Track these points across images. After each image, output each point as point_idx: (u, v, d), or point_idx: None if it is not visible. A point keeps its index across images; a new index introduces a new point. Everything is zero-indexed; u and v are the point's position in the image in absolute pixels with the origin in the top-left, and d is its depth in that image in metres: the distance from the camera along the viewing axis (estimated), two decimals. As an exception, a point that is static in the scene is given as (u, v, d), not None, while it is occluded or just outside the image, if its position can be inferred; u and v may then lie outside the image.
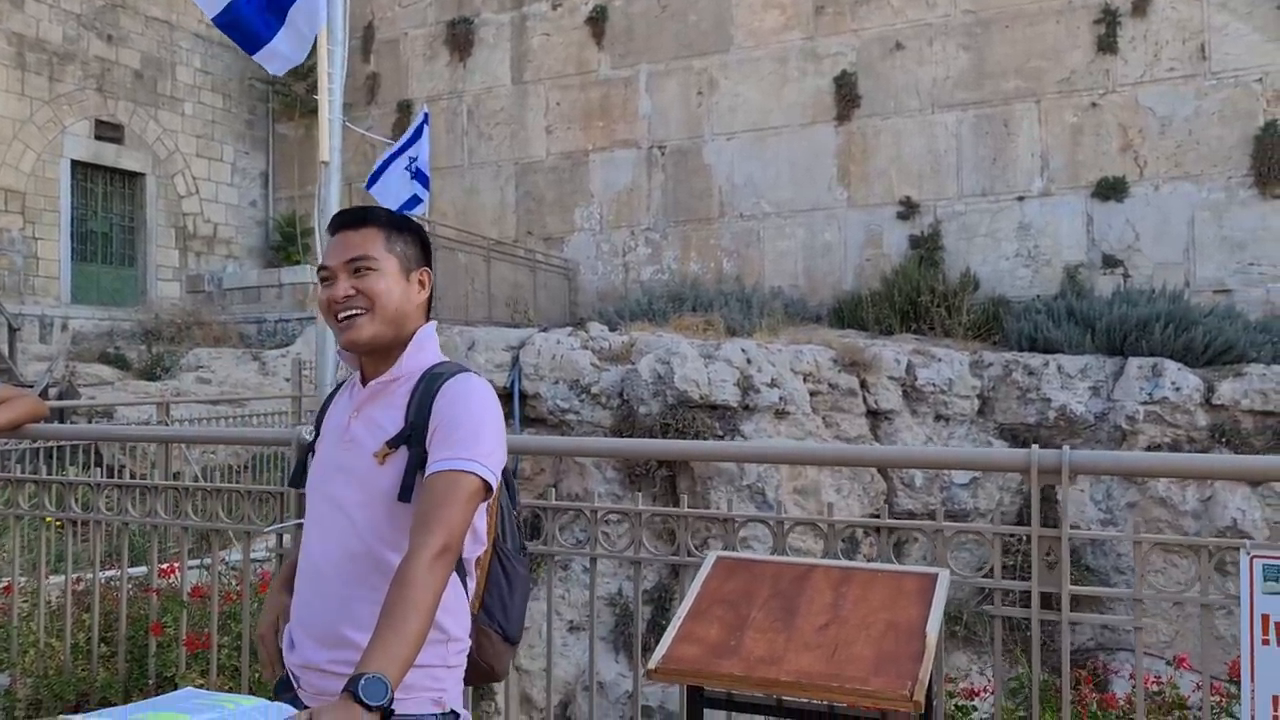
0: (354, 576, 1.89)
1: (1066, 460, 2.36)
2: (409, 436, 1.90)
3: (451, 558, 1.79)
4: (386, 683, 1.59)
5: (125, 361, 12.70)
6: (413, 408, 1.92)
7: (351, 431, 1.96)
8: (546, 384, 9.13)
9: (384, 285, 1.94)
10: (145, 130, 15.68)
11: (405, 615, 1.69)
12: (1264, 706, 2.09)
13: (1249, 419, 8.65)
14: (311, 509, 2.01)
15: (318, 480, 2.01)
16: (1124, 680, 4.75)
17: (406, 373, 1.97)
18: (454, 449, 1.84)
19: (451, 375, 1.96)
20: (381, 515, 1.89)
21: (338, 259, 1.96)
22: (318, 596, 1.92)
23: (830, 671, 2.02)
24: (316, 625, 1.91)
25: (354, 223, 1.99)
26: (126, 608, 3.59)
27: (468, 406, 1.90)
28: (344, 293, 1.93)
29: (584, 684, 8.20)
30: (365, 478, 1.91)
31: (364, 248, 1.95)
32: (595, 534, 2.86)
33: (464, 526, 1.82)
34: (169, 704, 1.63)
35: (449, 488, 1.81)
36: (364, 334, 1.93)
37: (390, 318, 1.95)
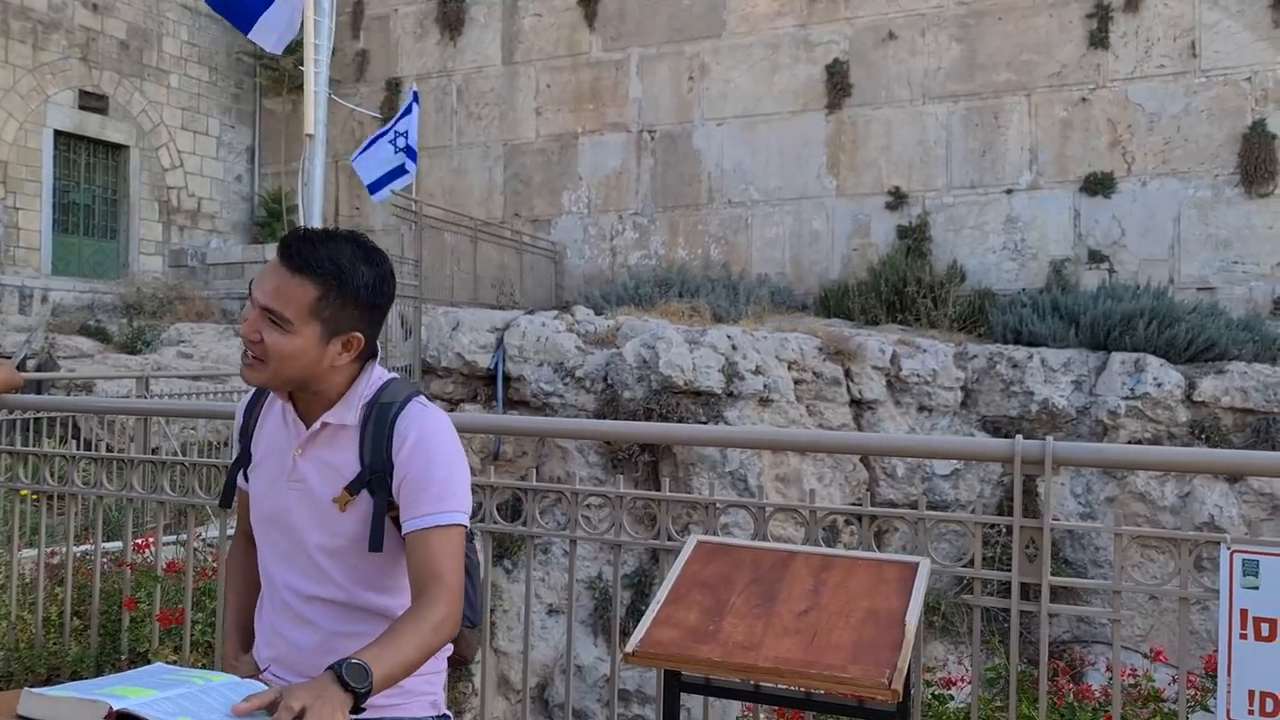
0: (341, 616, 1.88)
1: (1050, 451, 2.35)
2: (369, 480, 1.84)
3: (460, 614, 1.82)
4: (369, 671, 1.59)
5: (105, 334, 12.60)
6: (366, 448, 1.85)
7: (299, 471, 1.88)
8: (531, 366, 9.10)
9: (288, 349, 1.79)
10: (130, 102, 15.51)
11: (412, 642, 1.70)
12: (1240, 700, 2.09)
13: (1229, 416, 8.70)
14: (272, 543, 1.93)
15: (272, 513, 1.92)
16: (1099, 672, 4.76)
17: (349, 414, 1.88)
18: (435, 501, 1.82)
19: (402, 406, 1.87)
20: (355, 562, 1.87)
21: (259, 295, 1.80)
22: (299, 634, 1.89)
23: (809, 658, 2.01)
24: (299, 661, 1.89)
25: (295, 263, 1.79)
26: (100, 582, 3.56)
27: (438, 451, 1.85)
28: (249, 334, 1.81)
29: (562, 667, 8.20)
30: (327, 523, 1.86)
31: (285, 304, 1.77)
32: (576, 516, 2.84)
33: (464, 574, 1.85)
34: (138, 678, 1.61)
35: (446, 543, 1.81)
36: (256, 379, 1.84)
37: (288, 378, 1.83)
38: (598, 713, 7.99)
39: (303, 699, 1.51)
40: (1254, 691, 2.08)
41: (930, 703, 2.84)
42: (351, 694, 1.56)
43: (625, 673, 7.68)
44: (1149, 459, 3.49)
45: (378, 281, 1.86)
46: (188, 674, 1.65)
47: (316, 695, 1.52)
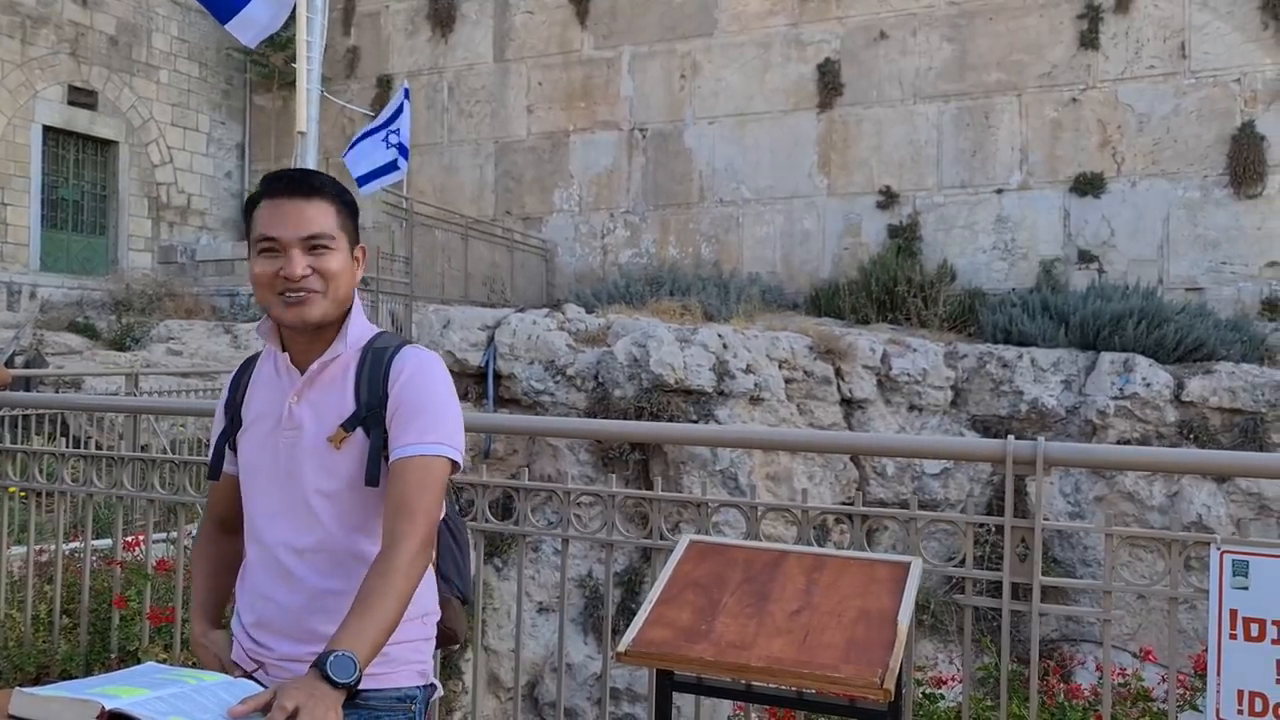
0: (329, 569, 1.85)
1: (1041, 451, 2.36)
2: (365, 418, 1.85)
3: (431, 546, 1.81)
4: (355, 661, 1.58)
5: (94, 331, 12.54)
6: (362, 386, 1.86)
7: (296, 417, 1.88)
8: (521, 364, 9.10)
9: (339, 265, 1.86)
10: (119, 97, 15.44)
11: (384, 601, 1.68)
12: (1229, 700, 2.10)
13: (1217, 416, 8.74)
14: (260, 500, 1.92)
15: (261, 469, 1.91)
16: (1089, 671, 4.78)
17: (347, 349, 1.89)
18: (422, 432, 1.82)
19: (397, 350, 1.90)
20: (350, 503, 1.86)
21: (292, 232, 1.83)
22: (285, 593, 1.86)
23: (801, 658, 2.02)
24: (284, 622, 1.87)
25: (305, 191, 1.86)
26: (90, 580, 3.54)
27: (429, 385, 1.87)
28: (302, 271, 1.82)
29: (552, 665, 8.21)
30: (323, 464, 1.85)
31: (321, 224, 1.84)
32: (568, 515, 2.84)
33: (439, 511, 1.83)
34: (129, 678, 1.60)
35: (424, 474, 1.80)
36: (316, 314, 1.84)
37: (341, 299, 1.88)
38: (588, 711, 7.99)
39: (296, 698, 1.50)
40: (1243, 691, 2.09)
41: (921, 702, 2.85)
42: (342, 689, 1.56)
43: (616, 671, 7.68)
44: (1140, 460, 3.51)
45: (353, 198, 1.99)
46: (180, 673, 1.64)
47: (309, 694, 1.52)
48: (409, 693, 1.90)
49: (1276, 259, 11.22)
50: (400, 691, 1.88)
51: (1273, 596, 2.09)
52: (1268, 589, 2.09)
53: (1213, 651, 2.12)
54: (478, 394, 9.31)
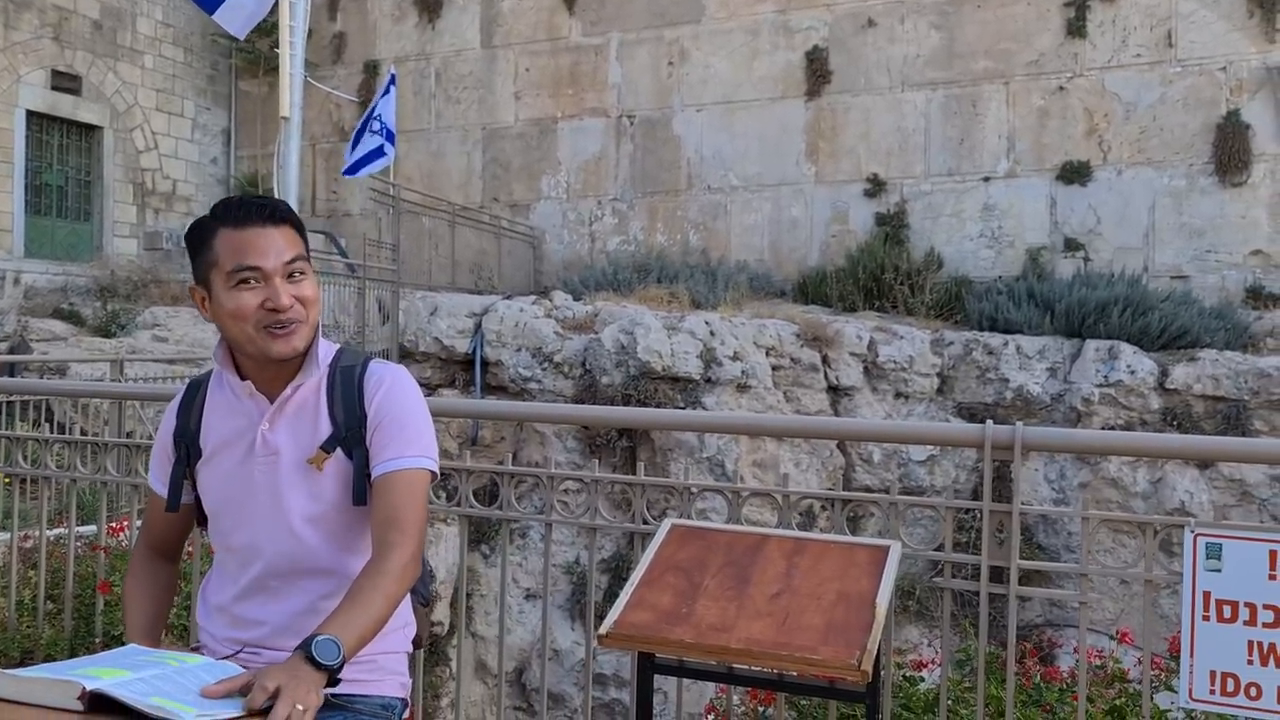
0: (319, 589, 1.87)
1: (1019, 436, 2.39)
2: (344, 438, 1.86)
3: (421, 556, 1.84)
4: (340, 645, 1.59)
5: (79, 318, 12.49)
6: (337, 406, 1.87)
7: (271, 443, 1.87)
8: (509, 351, 9.10)
9: (313, 291, 1.86)
10: (104, 82, 15.33)
11: (374, 601, 1.70)
12: (1202, 680, 2.14)
13: (1200, 403, 8.80)
14: (235, 532, 1.90)
15: (235, 500, 1.90)
16: (1069, 654, 4.83)
17: (317, 373, 1.89)
18: (404, 446, 1.84)
19: (365, 366, 1.92)
20: (337, 524, 1.87)
21: (274, 261, 1.80)
22: (273, 615, 1.88)
23: (780, 640, 2.04)
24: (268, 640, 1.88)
25: (274, 218, 1.84)
26: (74, 566, 3.55)
27: (405, 400, 1.89)
28: (288, 302, 1.80)
29: (539, 650, 8.23)
30: (305, 488, 1.86)
31: (296, 248, 1.84)
32: (552, 500, 2.86)
33: (425, 522, 1.86)
34: (111, 660, 1.61)
35: (410, 487, 1.83)
36: (301, 343, 1.84)
37: (315, 323, 1.87)
38: (575, 696, 8.03)
39: (277, 679, 1.51)
40: (1215, 671, 2.13)
41: (901, 684, 2.88)
42: (325, 671, 1.57)
43: (602, 656, 7.72)
44: (1117, 444, 3.54)
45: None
46: (161, 655, 1.65)
47: (291, 676, 1.53)
48: (391, 702, 1.93)
49: (1260, 247, 11.29)
50: (384, 700, 1.91)
51: (1245, 578, 2.12)
52: (1240, 571, 2.12)
53: (1186, 633, 2.15)
54: (465, 381, 9.31)
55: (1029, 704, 2.73)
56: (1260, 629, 2.09)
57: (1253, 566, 2.11)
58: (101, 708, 1.43)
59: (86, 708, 1.42)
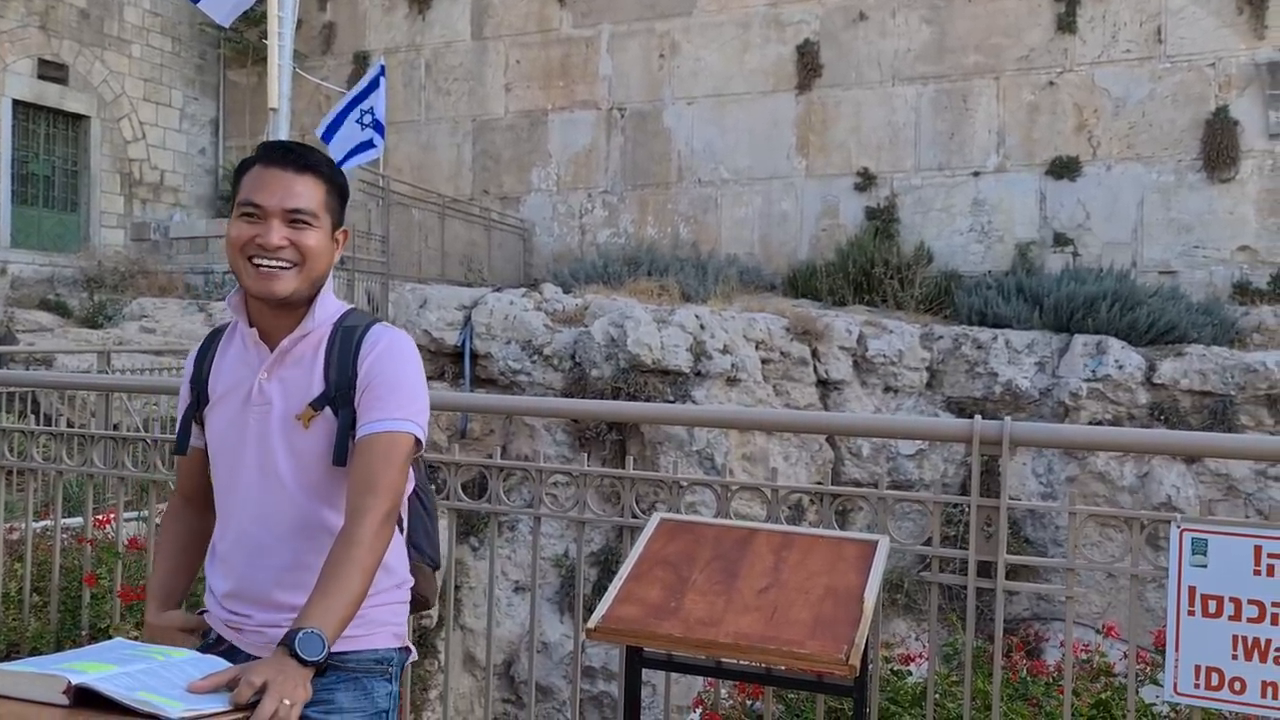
0: (302, 544, 1.87)
1: (1007, 431, 2.39)
2: (334, 397, 1.85)
3: (394, 520, 1.82)
4: (324, 638, 1.60)
5: (66, 308, 12.41)
6: (332, 366, 1.87)
7: (266, 393, 1.88)
8: (498, 344, 9.08)
9: (317, 244, 1.85)
10: (90, 71, 15.23)
11: (349, 575, 1.70)
12: (1187, 674, 2.15)
13: (1187, 398, 8.84)
14: (229, 475, 1.92)
15: (231, 444, 1.91)
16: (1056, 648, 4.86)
17: (317, 327, 1.90)
18: (387, 409, 1.83)
19: (367, 328, 1.91)
20: (319, 479, 1.87)
21: (275, 202, 1.83)
22: (258, 569, 1.88)
23: (768, 634, 2.04)
24: (255, 593, 1.89)
25: (297, 165, 1.86)
26: (60, 558, 3.53)
27: (397, 363, 1.88)
28: (278, 241, 1.81)
29: (527, 644, 8.23)
30: (291, 442, 1.86)
31: (307, 199, 1.84)
32: (540, 494, 2.85)
33: (403, 486, 1.85)
34: (97, 654, 1.61)
35: (389, 449, 1.81)
36: (285, 289, 1.83)
37: (315, 278, 1.87)
38: (563, 688, 8.04)
39: (264, 674, 1.51)
40: (1200, 666, 2.14)
41: (888, 678, 2.89)
42: (311, 666, 1.57)
43: (591, 649, 7.72)
44: (1104, 439, 3.56)
45: (345, 181, 1.98)
46: (148, 650, 1.64)
47: (278, 670, 1.53)
48: (385, 655, 1.92)
49: (1248, 243, 11.34)
50: (377, 654, 1.90)
51: (1230, 573, 2.13)
52: (1226, 566, 2.13)
53: (1171, 627, 2.16)
54: (454, 373, 9.30)
55: (1015, 698, 2.74)
56: (1245, 624, 2.10)
57: (1238, 562, 2.12)
58: (87, 702, 1.42)
59: (72, 702, 1.41)
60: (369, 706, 1.87)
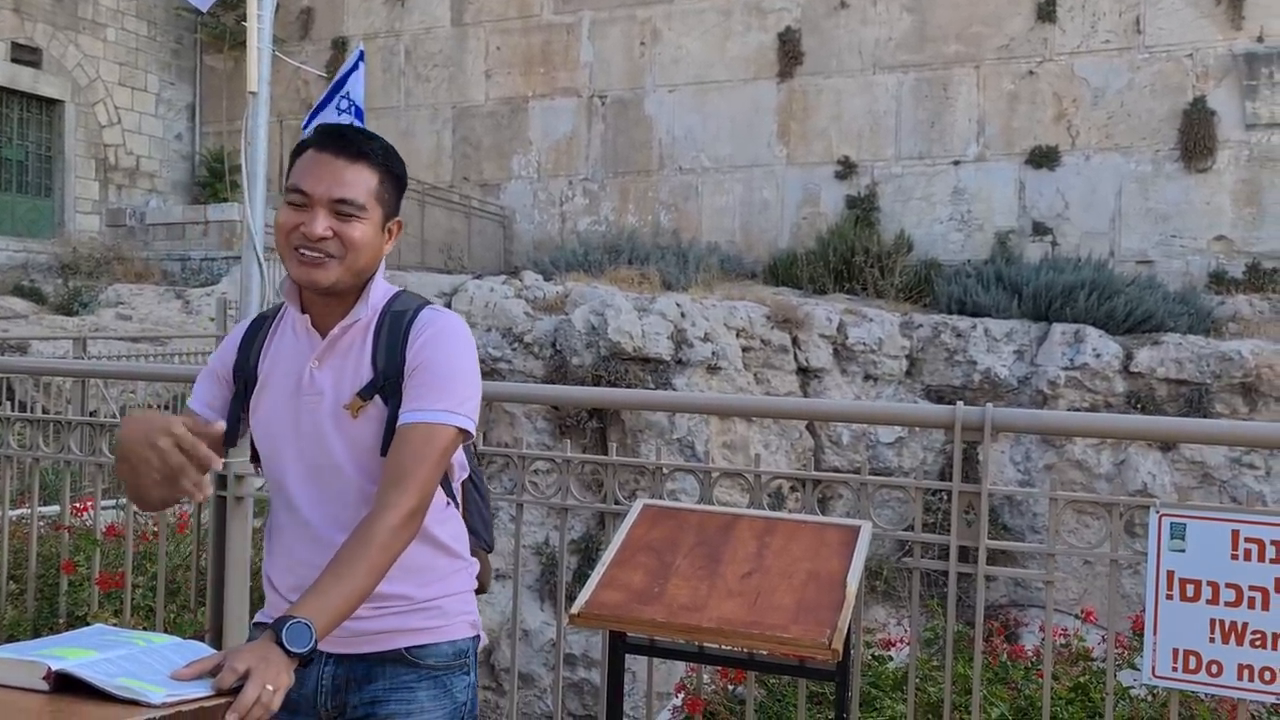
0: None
1: (989, 417, 2.40)
2: (383, 386, 1.80)
3: (420, 519, 1.75)
4: (312, 630, 1.57)
5: (40, 295, 12.28)
6: (380, 353, 1.81)
7: (318, 382, 1.82)
8: (479, 332, 9.05)
9: (364, 236, 1.77)
10: (65, 55, 15.05)
11: (356, 572, 1.64)
12: (1164, 657, 2.17)
13: (1163, 386, 8.92)
14: (286, 466, 1.85)
15: (285, 435, 1.85)
16: (1034, 633, 4.90)
17: (368, 313, 1.84)
18: (429, 398, 1.76)
19: (416, 311, 1.85)
20: (375, 470, 1.80)
21: (323, 190, 1.76)
22: (319, 556, 1.77)
23: (751, 619, 2.05)
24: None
25: (350, 153, 1.79)
26: (37, 546, 3.50)
27: (445, 349, 1.80)
28: (321, 232, 1.74)
29: (508, 631, 8.22)
30: (343, 432, 1.81)
31: (356, 190, 1.76)
32: (523, 480, 2.85)
33: (436, 483, 1.77)
34: (77, 639, 1.59)
35: (425, 442, 1.74)
36: (327, 279, 1.77)
37: (358, 270, 1.80)
38: (543, 676, 8.05)
39: (247, 661, 1.50)
40: (1178, 649, 2.16)
41: (870, 663, 2.90)
42: (295, 657, 1.55)
43: (571, 636, 7.73)
44: (1084, 426, 3.59)
45: (403, 167, 1.90)
46: (129, 635, 1.63)
47: (261, 658, 1.51)
48: (463, 646, 1.89)
49: (1224, 233, 11.43)
50: (456, 645, 1.87)
51: (1208, 558, 2.15)
52: (1203, 551, 2.15)
53: (1150, 611, 2.18)
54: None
55: (995, 682, 2.77)
56: (1222, 607, 2.13)
57: (1216, 546, 2.14)
58: (67, 688, 1.41)
59: (52, 688, 1.40)
60: (449, 703, 1.85)
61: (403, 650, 1.82)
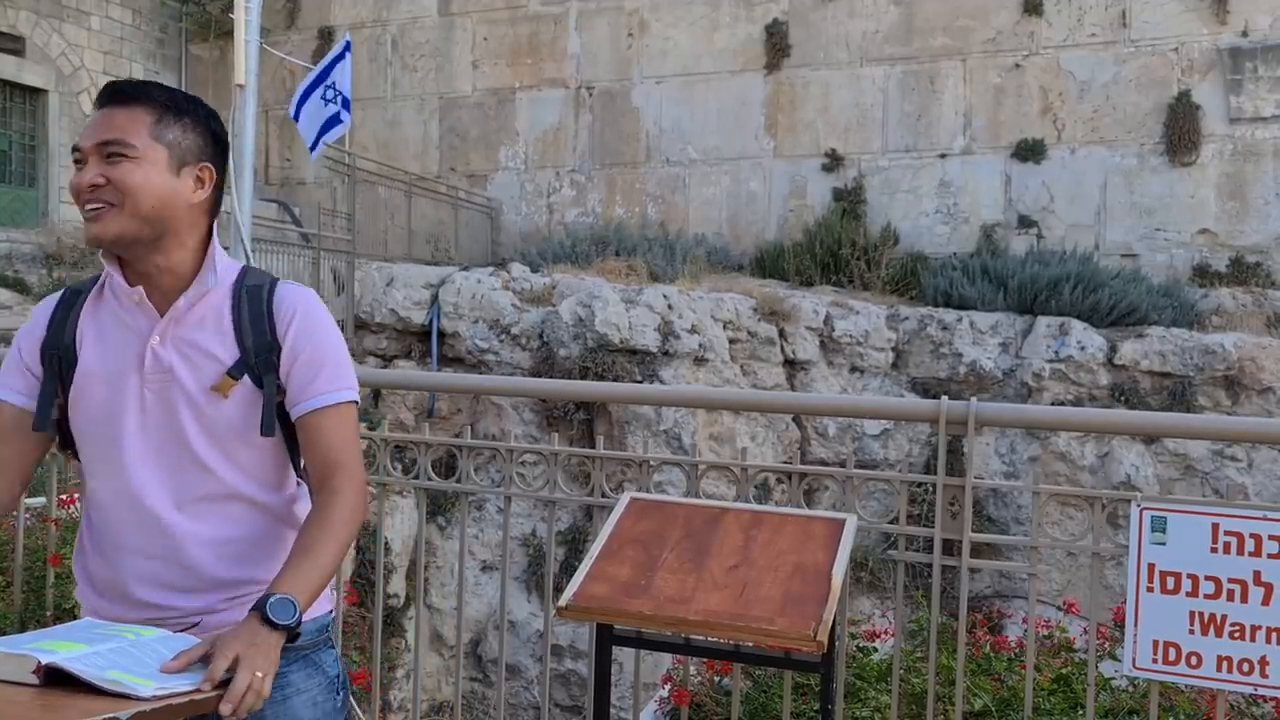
0: (220, 519, 1.77)
1: (973, 411, 2.43)
2: (253, 364, 1.75)
3: (365, 492, 1.80)
4: (296, 604, 1.58)
5: (24, 285, 12.20)
6: (245, 330, 1.76)
7: (162, 360, 1.74)
8: (466, 323, 9.05)
9: (141, 177, 1.67)
10: (48, 44, 14.92)
11: (326, 551, 1.68)
12: (1145, 649, 2.20)
13: (1147, 379, 8.98)
14: (111, 456, 1.76)
15: (120, 417, 1.75)
16: (1018, 625, 4.94)
17: (216, 286, 1.78)
18: (330, 380, 1.79)
19: (272, 287, 1.81)
20: (236, 451, 1.76)
21: (90, 139, 1.69)
22: (171, 551, 1.75)
23: (737, 611, 2.07)
24: (172, 577, 1.76)
25: (121, 98, 1.71)
26: (24, 538, 3.49)
27: (324, 329, 1.82)
28: (90, 180, 1.67)
29: (495, 622, 8.25)
30: (204, 413, 1.74)
31: (123, 130, 1.68)
32: (510, 473, 2.86)
33: (362, 454, 1.84)
34: (67, 634, 1.60)
35: (343, 422, 1.78)
36: (109, 230, 1.68)
37: (146, 215, 1.69)
38: (531, 667, 8.07)
39: (235, 648, 1.51)
40: (1158, 641, 2.19)
41: (855, 654, 2.93)
42: (282, 631, 1.56)
43: (558, 627, 7.75)
44: (1068, 420, 3.62)
45: (209, 114, 1.82)
46: (118, 629, 1.64)
47: (249, 643, 1.52)
48: (324, 620, 1.90)
49: (1208, 226, 11.50)
50: (318, 622, 1.87)
51: (1188, 551, 2.18)
52: (1184, 544, 2.18)
53: (1131, 604, 2.21)
54: (422, 352, 9.25)
55: (979, 673, 2.80)
56: (1202, 600, 2.16)
57: (1196, 539, 2.17)
58: (58, 681, 1.41)
59: (42, 682, 1.41)
60: (321, 679, 1.85)
61: None
